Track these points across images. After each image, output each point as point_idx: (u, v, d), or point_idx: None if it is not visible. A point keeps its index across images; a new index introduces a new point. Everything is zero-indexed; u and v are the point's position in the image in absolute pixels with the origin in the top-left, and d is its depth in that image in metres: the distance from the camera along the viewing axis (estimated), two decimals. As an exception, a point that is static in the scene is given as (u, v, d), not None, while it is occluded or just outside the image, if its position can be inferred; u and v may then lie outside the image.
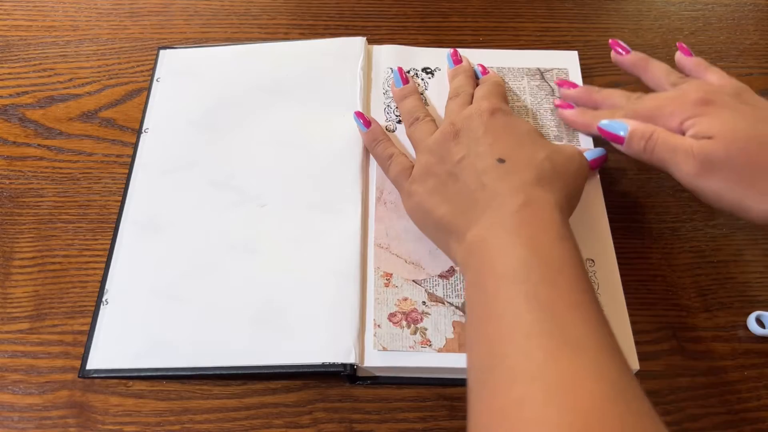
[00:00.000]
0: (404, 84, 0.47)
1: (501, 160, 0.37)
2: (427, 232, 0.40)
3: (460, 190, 0.37)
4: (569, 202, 0.37)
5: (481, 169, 0.37)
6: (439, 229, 0.38)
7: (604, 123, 0.41)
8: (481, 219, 0.35)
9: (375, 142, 0.44)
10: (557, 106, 0.47)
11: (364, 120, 0.45)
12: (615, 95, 0.45)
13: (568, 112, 0.46)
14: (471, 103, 0.43)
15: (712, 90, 0.40)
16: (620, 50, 0.46)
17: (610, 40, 0.46)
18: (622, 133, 0.40)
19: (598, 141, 0.45)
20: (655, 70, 0.44)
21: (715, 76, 0.42)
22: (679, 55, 0.45)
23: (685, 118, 0.38)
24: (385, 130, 0.45)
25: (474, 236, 0.35)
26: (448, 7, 0.57)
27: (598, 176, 0.44)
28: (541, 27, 0.56)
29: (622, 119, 0.41)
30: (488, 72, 0.48)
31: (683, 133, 0.39)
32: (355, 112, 0.45)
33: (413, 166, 0.41)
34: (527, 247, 0.32)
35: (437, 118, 0.46)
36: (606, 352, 0.28)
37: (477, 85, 0.47)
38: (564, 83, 0.48)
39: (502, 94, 0.45)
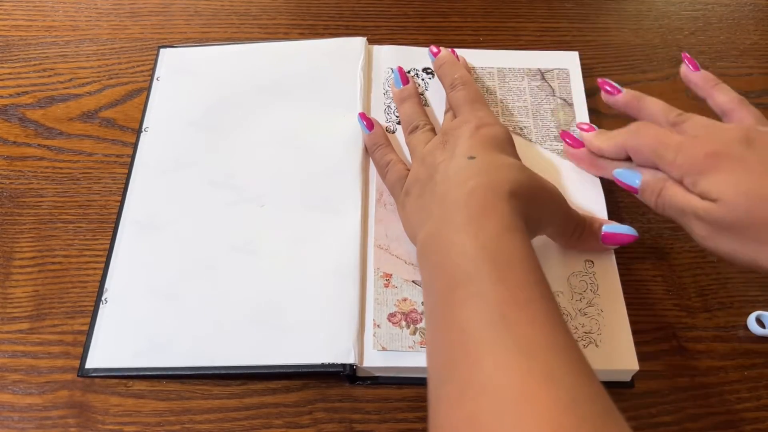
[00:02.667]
0: (404, 84, 0.47)
1: (471, 157, 0.36)
2: (414, 241, 0.38)
3: (434, 194, 0.36)
4: (529, 214, 0.34)
5: (452, 167, 0.36)
6: (425, 224, 0.36)
7: (619, 172, 0.40)
8: (434, 213, 0.34)
9: (375, 146, 0.44)
10: (563, 139, 0.45)
11: (368, 122, 0.45)
12: (656, 113, 0.41)
13: (578, 152, 0.44)
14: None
15: (721, 140, 0.36)
16: (609, 89, 0.43)
17: (598, 80, 0.43)
18: (636, 184, 0.39)
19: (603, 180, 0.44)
20: (650, 109, 0.41)
21: (723, 97, 0.40)
22: (684, 70, 0.43)
23: (690, 173, 0.36)
24: (386, 134, 0.45)
25: (425, 233, 0.34)
26: (448, 7, 0.57)
27: (599, 178, 0.44)
28: (541, 27, 0.56)
29: (636, 169, 0.39)
30: (440, 56, 0.47)
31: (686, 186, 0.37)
32: (359, 114, 0.45)
33: (408, 174, 0.41)
34: (474, 240, 0.30)
35: (436, 122, 0.46)
36: (559, 353, 0.26)
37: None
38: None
39: (483, 98, 0.44)
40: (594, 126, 0.44)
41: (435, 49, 0.48)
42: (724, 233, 0.35)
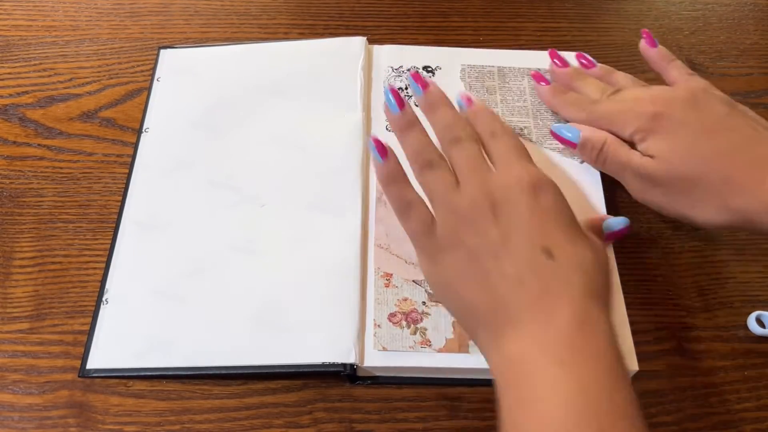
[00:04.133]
0: (401, 108, 0.38)
1: (549, 254, 0.32)
2: (448, 305, 0.36)
3: (498, 280, 0.32)
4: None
5: (525, 260, 0.32)
6: (467, 312, 0.34)
7: (556, 126, 0.42)
8: (522, 326, 0.30)
9: (391, 180, 0.37)
10: (533, 76, 0.47)
11: (381, 149, 0.37)
12: (591, 87, 0.45)
13: (543, 88, 0.46)
14: (479, 154, 0.36)
15: (667, 100, 0.40)
16: (585, 61, 0.47)
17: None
18: (573, 140, 0.42)
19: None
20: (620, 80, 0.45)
21: (676, 72, 0.43)
22: (643, 45, 0.45)
23: (636, 131, 0.40)
24: (402, 167, 0.37)
25: (514, 350, 0.30)
26: (448, 7, 0.57)
27: (599, 175, 0.44)
28: (542, 27, 0.56)
29: (574, 125, 0.43)
30: (475, 104, 0.40)
31: (634, 143, 0.41)
32: (372, 138, 0.37)
33: (434, 221, 0.35)
34: (578, 387, 0.27)
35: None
36: None
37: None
38: (555, 54, 0.47)
39: (527, 152, 0.38)
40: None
41: (466, 98, 0.40)
42: (657, 188, 0.39)
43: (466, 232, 0.33)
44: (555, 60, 0.47)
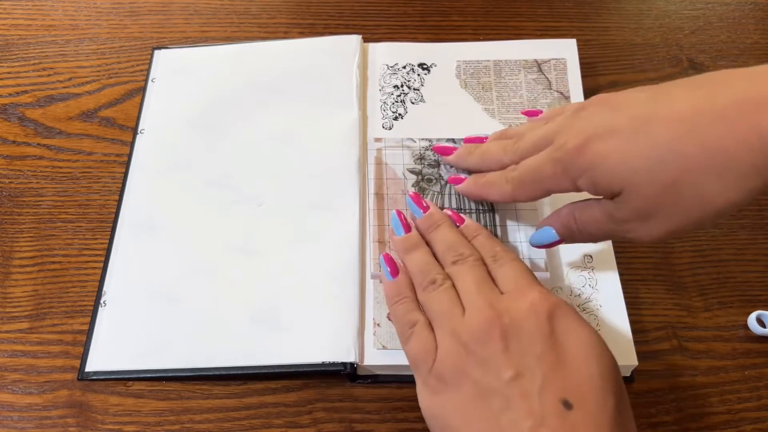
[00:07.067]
0: (407, 232, 0.37)
1: (567, 405, 0.28)
2: None
3: (503, 425, 0.28)
4: None
5: (540, 410, 0.28)
6: None
7: (535, 241, 0.37)
8: None
9: (398, 298, 0.35)
10: (449, 182, 0.41)
11: (392, 267, 0.36)
12: (491, 154, 0.38)
13: (461, 187, 0.40)
14: (486, 276, 0.34)
15: (567, 127, 0.33)
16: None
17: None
18: (554, 238, 0.36)
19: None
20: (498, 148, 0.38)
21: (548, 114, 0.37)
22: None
23: (577, 172, 0.32)
24: (411, 283, 0.36)
25: None
26: (448, 6, 0.57)
27: None
28: (542, 26, 0.56)
29: (544, 226, 0.36)
30: (468, 225, 0.38)
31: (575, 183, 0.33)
32: (383, 255, 0.37)
33: (437, 347, 0.32)
34: None
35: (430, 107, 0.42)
36: None
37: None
38: (438, 149, 0.42)
39: (534, 275, 0.34)
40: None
41: (456, 217, 0.38)
42: (646, 217, 0.31)
43: (471, 364, 0.30)
44: (441, 153, 0.42)
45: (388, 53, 0.50)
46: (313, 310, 0.39)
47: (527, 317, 0.30)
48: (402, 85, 0.49)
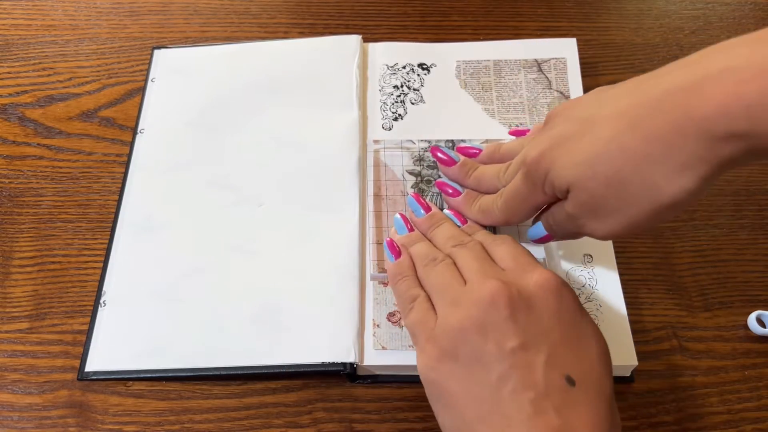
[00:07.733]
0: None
1: (571, 381, 0.28)
2: (441, 418, 0.31)
3: (510, 403, 0.28)
4: None
5: (543, 383, 0.28)
6: (453, 416, 0.30)
7: (531, 235, 0.37)
8: None
9: (400, 276, 0.36)
10: (438, 188, 0.41)
11: (395, 251, 0.37)
12: (486, 181, 0.39)
13: (455, 202, 0.40)
14: (487, 256, 0.34)
15: (542, 138, 0.33)
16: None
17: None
18: (545, 233, 0.36)
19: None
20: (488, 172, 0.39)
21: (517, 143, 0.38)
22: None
23: (539, 177, 0.33)
24: (413, 265, 0.37)
25: None
26: (448, 6, 0.57)
27: None
28: (542, 26, 0.56)
29: (538, 221, 0.37)
30: (469, 224, 0.39)
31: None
32: (387, 241, 0.38)
33: (436, 318, 0.32)
34: None
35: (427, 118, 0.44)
36: None
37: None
38: (436, 156, 0.42)
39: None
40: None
41: (458, 218, 0.39)
42: (597, 212, 0.31)
43: (472, 330, 0.30)
44: (444, 162, 0.42)
45: (388, 53, 0.50)
46: (313, 310, 0.39)
47: (536, 291, 0.30)
48: (402, 86, 0.49)
